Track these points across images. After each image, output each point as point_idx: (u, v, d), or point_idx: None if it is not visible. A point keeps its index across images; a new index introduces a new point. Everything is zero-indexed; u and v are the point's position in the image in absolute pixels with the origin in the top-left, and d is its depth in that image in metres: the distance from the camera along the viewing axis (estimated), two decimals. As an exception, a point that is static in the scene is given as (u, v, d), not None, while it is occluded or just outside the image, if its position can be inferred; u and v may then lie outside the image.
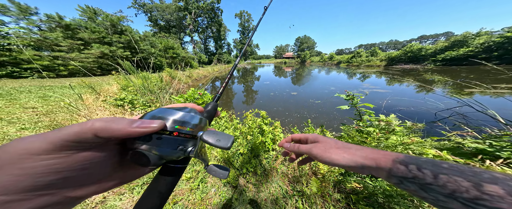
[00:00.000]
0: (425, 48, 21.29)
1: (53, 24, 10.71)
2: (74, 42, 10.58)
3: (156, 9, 28.82)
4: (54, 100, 2.98)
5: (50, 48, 10.29)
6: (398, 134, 1.17)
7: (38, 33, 10.35)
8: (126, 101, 2.63)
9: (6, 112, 2.28)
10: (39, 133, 0.13)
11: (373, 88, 7.60)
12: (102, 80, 4.97)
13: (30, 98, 3.08)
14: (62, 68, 9.51)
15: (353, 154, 0.25)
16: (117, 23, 12.07)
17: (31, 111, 2.37)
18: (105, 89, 3.69)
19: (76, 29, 10.86)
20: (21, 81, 6.28)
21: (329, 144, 0.28)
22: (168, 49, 16.09)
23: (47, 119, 2.14)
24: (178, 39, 29.87)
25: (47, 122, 2.05)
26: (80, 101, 2.67)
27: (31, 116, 2.21)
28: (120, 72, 3.62)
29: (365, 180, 1.02)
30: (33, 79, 7.54)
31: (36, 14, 10.80)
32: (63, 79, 7.66)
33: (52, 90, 3.93)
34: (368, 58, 28.34)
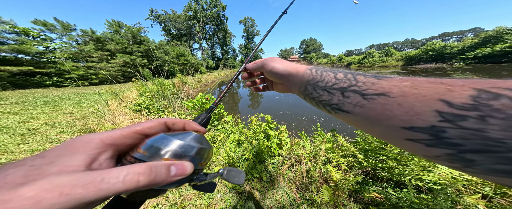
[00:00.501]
0: (450, 46, 19.39)
1: (87, 38, 12.45)
2: (103, 53, 12.11)
3: (169, 20, 31.62)
4: (86, 106, 3.44)
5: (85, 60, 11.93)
6: None
7: (76, 46, 12.13)
8: (143, 106, 2.90)
9: (50, 117, 2.70)
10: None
11: None
12: (124, 87, 5.54)
13: (69, 104, 3.60)
14: (94, 77, 10.91)
15: (287, 65, 0.31)
16: (137, 34, 13.52)
17: (69, 116, 2.77)
18: (126, 95, 4.11)
19: (105, 41, 12.45)
20: (63, 89, 7.32)
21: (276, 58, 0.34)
22: (180, 56, 17.30)
23: (80, 123, 2.48)
24: (188, 46, 32.15)
25: (80, 126, 2.37)
26: (106, 107, 3.03)
27: (68, 120, 2.59)
28: (139, 79, 4.02)
29: (387, 190, 0.92)
30: (72, 87, 8.75)
31: (74, 30, 12.73)
32: (94, 87, 8.72)
33: (86, 97, 4.54)
34: (382, 58, 26.60)
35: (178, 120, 0.23)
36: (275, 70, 0.31)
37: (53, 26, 11.85)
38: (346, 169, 1.19)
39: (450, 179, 0.80)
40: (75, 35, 12.72)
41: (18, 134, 2.06)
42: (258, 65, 0.35)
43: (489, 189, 0.77)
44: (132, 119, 2.69)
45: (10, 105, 3.50)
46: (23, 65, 9.34)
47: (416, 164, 0.92)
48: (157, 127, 0.21)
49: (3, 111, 3.06)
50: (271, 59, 0.33)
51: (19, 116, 2.78)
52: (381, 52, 27.54)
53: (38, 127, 2.29)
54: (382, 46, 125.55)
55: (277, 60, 0.33)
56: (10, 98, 4.32)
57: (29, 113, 2.93)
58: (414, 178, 0.89)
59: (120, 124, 2.36)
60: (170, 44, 23.40)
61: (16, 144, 1.83)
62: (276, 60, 0.33)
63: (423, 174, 0.88)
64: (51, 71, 9.92)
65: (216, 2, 30.62)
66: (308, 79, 0.25)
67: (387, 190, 0.92)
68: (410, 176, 0.91)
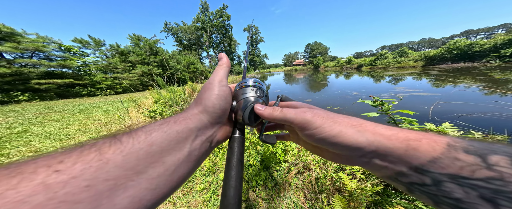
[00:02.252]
0: (478, 43, 17.50)
1: (114, 52, 14.32)
2: (126, 64, 13.71)
3: (180, 31, 35.05)
4: (112, 113, 3.89)
5: (112, 71, 13.63)
6: None
7: (105, 60, 14.01)
8: (157, 113, 3.16)
9: (83, 124, 3.13)
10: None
11: (411, 92, 6.41)
12: (142, 95, 6.12)
13: (98, 112, 4.12)
14: (118, 86, 12.31)
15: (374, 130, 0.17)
16: (153, 46, 15.08)
17: (97, 123, 3.17)
18: (143, 103, 4.53)
19: (127, 53, 14.15)
20: (94, 98, 8.37)
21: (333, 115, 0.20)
22: (190, 64, 18.58)
23: (105, 129, 2.81)
24: (197, 55, 34.81)
25: (105, 131, 2.69)
26: (126, 114, 3.39)
27: (97, 126, 2.95)
28: (155, 88, 4.42)
29: (416, 203, 0.79)
30: (101, 96, 9.97)
31: (104, 45, 14.81)
32: (118, 95, 9.76)
33: (111, 105, 5.13)
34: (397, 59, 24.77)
35: None
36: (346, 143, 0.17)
37: (88, 43, 13.98)
38: (362, 178, 1.10)
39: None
40: (105, 50, 14.77)
41: (57, 139, 2.43)
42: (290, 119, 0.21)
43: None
44: (148, 125, 2.94)
45: (54, 113, 4.15)
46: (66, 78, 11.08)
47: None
48: None
49: (49, 118, 3.64)
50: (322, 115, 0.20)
51: (60, 122, 3.27)
52: (395, 53, 25.84)
53: (73, 133, 2.66)
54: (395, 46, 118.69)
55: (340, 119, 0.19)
56: (55, 107, 5.13)
57: (67, 120, 3.43)
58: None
59: (137, 129, 2.60)
60: (182, 53, 25.47)
61: (55, 148, 2.15)
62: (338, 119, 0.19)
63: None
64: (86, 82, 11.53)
65: (222, 12, 33.11)
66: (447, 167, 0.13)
67: (415, 204, 0.79)
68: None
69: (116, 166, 0.14)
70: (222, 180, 0.23)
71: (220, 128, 0.23)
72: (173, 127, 0.18)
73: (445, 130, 0.91)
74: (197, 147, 0.20)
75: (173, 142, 0.18)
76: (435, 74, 11.25)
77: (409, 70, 17.51)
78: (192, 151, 0.19)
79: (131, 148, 0.15)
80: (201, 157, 0.20)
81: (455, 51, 18.53)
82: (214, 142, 0.22)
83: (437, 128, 0.94)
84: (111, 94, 11.02)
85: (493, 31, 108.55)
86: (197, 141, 0.20)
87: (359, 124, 0.19)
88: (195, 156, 0.19)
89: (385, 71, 19.17)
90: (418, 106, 4.25)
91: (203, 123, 0.21)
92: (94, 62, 13.86)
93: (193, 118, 0.20)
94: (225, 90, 0.24)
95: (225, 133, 0.24)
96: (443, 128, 0.92)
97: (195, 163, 0.20)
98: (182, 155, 0.18)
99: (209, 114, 0.21)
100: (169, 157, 0.17)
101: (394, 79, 10.82)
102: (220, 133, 0.23)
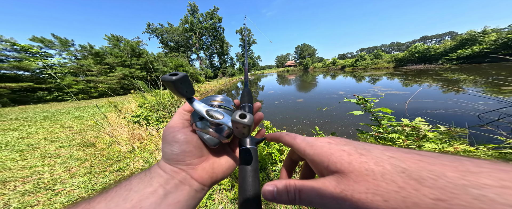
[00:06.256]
0: (433, 48, 20.74)
1: (86, 53, 12.84)
2: (102, 67, 12.41)
3: (166, 32, 33.02)
4: (86, 119, 3.48)
5: (84, 74, 12.17)
6: (434, 140, 0.93)
7: (76, 61, 12.46)
8: (142, 117, 2.95)
9: (50, 132, 2.73)
10: None
11: (386, 91, 7.18)
12: (124, 99, 5.62)
13: (68, 118, 3.64)
14: (93, 90, 11.03)
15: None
16: (135, 48, 14.00)
17: (68, 130, 2.80)
18: (125, 107, 4.17)
19: (104, 55, 12.84)
20: (63, 103, 7.36)
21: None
22: (178, 67, 17.76)
23: (79, 136, 2.51)
24: (186, 57, 33.30)
25: (79, 139, 2.40)
26: (105, 120, 3.08)
27: (68, 134, 2.61)
28: (137, 91, 4.12)
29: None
30: (72, 101, 8.79)
31: (73, 46, 13.17)
32: (94, 100, 8.76)
33: (85, 110, 4.58)
34: (373, 61, 27.74)
35: None
36: None
37: (51, 43, 12.26)
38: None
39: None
40: (74, 50, 13.13)
41: (16, 150, 2.07)
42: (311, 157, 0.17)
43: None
44: (131, 131, 2.73)
45: (9, 121, 3.52)
46: (23, 81, 9.47)
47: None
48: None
49: (2, 127, 3.07)
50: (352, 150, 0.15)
51: (18, 131, 2.80)
52: (371, 55, 28.80)
53: (37, 142, 2.30)
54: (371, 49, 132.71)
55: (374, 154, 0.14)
56: (10, 114, 4.35)
57: (29, 128, 2.95)
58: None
59: (119, 136, 2.39)
60: (168, 56, 24.19)
61: (14, 160, 1.83)
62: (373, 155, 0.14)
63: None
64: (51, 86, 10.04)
65: (212, 14, 32.39)
66: None
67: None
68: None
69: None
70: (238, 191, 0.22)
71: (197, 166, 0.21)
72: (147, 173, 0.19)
73: (418, 124, 1.03)
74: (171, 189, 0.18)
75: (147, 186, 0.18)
76: (404, 75, 12.89)
77: (384, 71, 19.72)
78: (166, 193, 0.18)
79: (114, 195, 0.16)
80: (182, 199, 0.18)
81: (417, 54, 21.60)
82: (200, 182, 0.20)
83: (412, 122, 1.05)
84: (85, 99, 9.80)
85: (442, 38, 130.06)
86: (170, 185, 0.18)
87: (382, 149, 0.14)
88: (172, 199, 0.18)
89: (365, 71, 21.22)
90: (392, 103, 4.74)
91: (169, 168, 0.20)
92: (60, 64, 12.20)
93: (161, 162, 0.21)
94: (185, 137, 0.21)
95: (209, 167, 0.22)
96: (416, 123, 1.04)
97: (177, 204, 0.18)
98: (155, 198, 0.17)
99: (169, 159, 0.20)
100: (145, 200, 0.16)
101: (372, 79, 11.97)
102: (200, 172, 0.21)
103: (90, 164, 1.70)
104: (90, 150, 2.04)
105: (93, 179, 1.44)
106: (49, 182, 1.40)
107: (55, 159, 1.83)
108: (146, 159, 1.76)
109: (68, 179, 1.45)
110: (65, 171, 1.58)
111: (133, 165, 1.65)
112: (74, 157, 1.87)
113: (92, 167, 1.63)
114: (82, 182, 1.40)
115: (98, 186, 1.36)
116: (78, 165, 1.69)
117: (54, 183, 1.39)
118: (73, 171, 1.57)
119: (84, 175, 1.50)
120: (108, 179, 1.45)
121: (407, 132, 1.04)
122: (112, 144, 2.19)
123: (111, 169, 1.59)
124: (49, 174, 1.51)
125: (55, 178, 1.46)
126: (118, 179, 0.16)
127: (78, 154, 1.93)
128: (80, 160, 1.78)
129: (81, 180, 1.42)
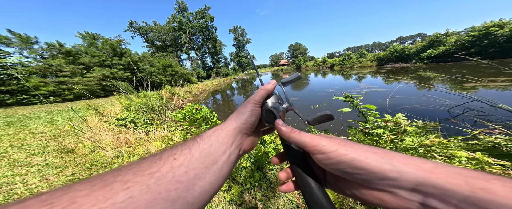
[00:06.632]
0: (407, 48, 22.79)
1: (55, 51, 11.41)
2: (76, 67, 11.17)
3: (151, 31, 30.74)
4: (62, 124, 3.14)
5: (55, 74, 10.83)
6: (413, 134, 1.02)
7: (42, 61, 10.98)
8: (128, 120, 2.77)
9: (17, 139, 2.41)
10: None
11: (371, 88, 7.66)
12: (106, 102, 5.19)
13: (39, 123, 3.24)
14: (67, 93, 9.89)
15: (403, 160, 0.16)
16: (116, 47, 12.88)
17: (40, 136, 2.51)
18: (108, 110, 3.86)
19: (77, 54, 11.54)
20: (31, 107, 6.49)
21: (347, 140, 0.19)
22: (167, 67, 16.84)
23: (55, 143, 2.27)
24: (175, 57, 31.49)
25: (55, 146, 2.17)
26: (85, 124, 2.82)
27: (40, 141, 2.34)
28: (121, 93, 3.83)
29: None
30: (42, 104, 7.78)
31: (37, 43, 11.54)
32: (69, 103, 7.93)
33: (60, 114, 4.11)
34: (359, 59, 29.61)
35: None
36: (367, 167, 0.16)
37: (8, 39, 10.60)
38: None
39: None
40: (39, 49, 11.55)
41: (-25, 162, 1.81)
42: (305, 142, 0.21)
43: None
44: (117, 134, 2.56)
45: (-40, 130, 3.01)
46: (-27, 83, 8.08)
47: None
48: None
49: (-49, 137, 2.62)
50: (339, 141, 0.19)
51: (-26, 141, 2.42)
52: (357, 54, 30.83)
53: (2, 151, 2.03)
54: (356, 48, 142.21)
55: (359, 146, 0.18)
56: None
57: (-12, 137, 2.57)
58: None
59: (102, 140, 2.23)
60: (155, 55, 22.75)
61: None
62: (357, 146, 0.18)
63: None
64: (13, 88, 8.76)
65: (203, 13, 31.08)
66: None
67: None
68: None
69: (197, 159, 0.19)
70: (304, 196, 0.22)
71: (247, 138, 0.27)
72: (220, 133, 0.23)
73: (398, 120, 1.10)
74: (233, 152, 0.23)
75: (222, 145, 0.22)
76: (385, 73, 14.08)
77: (368, 69, 21.25)
78: (230, 154, 0.23)
79: (202, 146, 0.21)
80: (234, 161, 0.24)
81: (395, 54, 23.70)
82: (241, 150, 0.26)
83: (394, 118, 1.12)
84: (58, 102, 8.76)
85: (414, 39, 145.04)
86: (233, 147, 0.24)
87: (383, 151, 0.17)
88: (231, 159, 0.23)
89: (352, 70, 22.62)
90: (376, 100, 5.11)
91: (237, 133, 0.25)
92: (22, 63, 10.66)
93: (231, 127, 0.25)
94: (256, 109, 0.28)
95: (250, 142, 0.28)
96: (397, 118, 1.12)
97: (232, 165, 0.23)
98: (225, 156, 0.22)
99: (241, 126, 0.26)
100: (220, 157, 0.21)
101: (359, 77, 12.80)
102: (247, 142, 0.27)
103: (71, 171, 1.57)
104: (70, 157, 1.87)
105: (76, 186, 1.34)
106: (23, 193, 1.27)
107: (27, 168, 1.65)
108: (135, 163, 1.68)
109: (47, 188, 1.33)
110: (42, 180, 1.44)
111: (121, 169, 1.57)
112: (51, 164, 1.70)
113: (74, 175, 1.51)
114: (64, 190, 1.30)
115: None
116: (56, 173, 1.54)
117: (30, 193, 1.27)
118: (51, 180, 1.44)
119: (65, 183, 1.39)
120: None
121: (390, 127, 1.11)
122: (95, 149, 2.04)
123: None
124: (21, 184, 1.36)
125: (30, 188, 1.33)
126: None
127: (55, 162, 1.76)
128: (58, 168, 1.63)
129: (62, 188, 1.32)
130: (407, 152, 0.94)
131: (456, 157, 0.81)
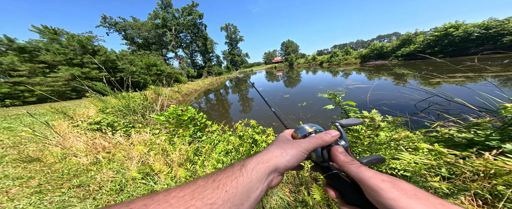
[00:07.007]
0: (385, 46, 24.81)
1: (3, 48, 9.65)
2: (35, 65, 9.63)
3: (130, 27, 27.84)
4: (21, 130, 2.74)
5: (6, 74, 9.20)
6: (385, 129, 1.09)
7: None
8: (104, 124, 2.53)
9: (-38, 151, 2.05)
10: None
11: (355, 84, 8.11)
12: (77, 104, 4.66)
13: (-10, 132, 2.78)
14: (28, 95, 8.54)
15: None
16: (86, 44, 11.38)
17: (-5, 146, 2.17)
18: (80, 114, 3.49)
19: (34, 51, 9.92)
20: None
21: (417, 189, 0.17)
22: (151, 66, 15.60)
23: (14, 151, 1.99)
24: (161, 55, 29.13)
25: (15, 155, 1.91)
26: (49, 129, 2.49)
27: (-5, 151, 2.03)
28: (93, 94, 3.45)
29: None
30: None
31: None
32: (31, 106, 6.89)
33: (19, 119, 3.57)
34: (344, 57, 31.37)
35: None
36: None
37: None
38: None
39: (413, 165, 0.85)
40: None
41: None
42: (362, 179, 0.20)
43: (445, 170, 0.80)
44: (92, 139, 2.34)
45: None
46: None
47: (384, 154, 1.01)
48: None
49: None
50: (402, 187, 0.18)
51: None
52: (342, 51, 32.74)
53: None
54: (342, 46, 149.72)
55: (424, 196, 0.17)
56: None
57: None
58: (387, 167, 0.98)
59: (73, 146, 2.03)
60: (136, 53, 20.82)
61: None
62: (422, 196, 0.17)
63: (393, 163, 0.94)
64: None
65: (191, 10, 28.75)
66: None
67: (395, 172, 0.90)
68: (383, 165, 0.98)
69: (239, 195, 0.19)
70: None
71: (278, 176, 0.26)
72: (261, 168, 0.22)
73: (374, 116, 1.15)
74: (264, 188, 0.22)
75: (258, 181, 0.21)
76: (367, 70, 15.22)
77: (353, 66, 22.74)
78: (261, 191, 0.22)
79: (245, 181, 0.20)
80: (260, 198, 0.23)
81: (375, 51, 25.64)
82: (269, 186, 0.25)
83: (369, 114, 1.17)
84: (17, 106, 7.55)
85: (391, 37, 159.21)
86: (265, 184, 0.22)
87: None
88: (260, 196, 0.22)
89: (339, 67, 23.94)
90: (360, 96, 5.48)
91: (274, 171, 0.24)
92: None
93: (271, 163, 0.24)
94: (303, 157, 0.26)
95: (279, 180, 0.27)
96: (372, 114, 1.17)
97: (258, 202, 0.23)
98: (257, 193, 0.21)
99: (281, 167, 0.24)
100: (253, 193, 0.21)
101: (345, 74, 13.61)
102: (276, 180, 0.26)
103: (38, 182, 1.42)
104: (35, 166, 1.68)
105: (46, 198, 1.22)
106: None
107: (-20, 183, 1.44)
108: (116, 170, 1.58)
109: (8, 202, 1.19)
110: (0, 193, 1.28)
111: (100, 177, 1.47)
112: (11, 176, 1.51)
113: (42, 185, 1.37)
114: (30, 203, 1.18)
115: (54, 206, 1.16)
116: (19, 184, 1.38)
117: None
118: (13, 192, 1.29)
119: (32, 195, 1.26)
120: (68, 197, 1.25)
121: (367, 122, 1.16)
122: (66, 156, 1.86)
123: (70, 185, 1.37)
124: (-27, 201, 1.20)
125: (-16, 204, 1.18)
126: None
127: (16, 172, 1.57)
128: (21, 179, 1.46)
129: (27, 201, 1.19)
130: (381, 146, 1.00)
131: (419, 149, 0.87)
